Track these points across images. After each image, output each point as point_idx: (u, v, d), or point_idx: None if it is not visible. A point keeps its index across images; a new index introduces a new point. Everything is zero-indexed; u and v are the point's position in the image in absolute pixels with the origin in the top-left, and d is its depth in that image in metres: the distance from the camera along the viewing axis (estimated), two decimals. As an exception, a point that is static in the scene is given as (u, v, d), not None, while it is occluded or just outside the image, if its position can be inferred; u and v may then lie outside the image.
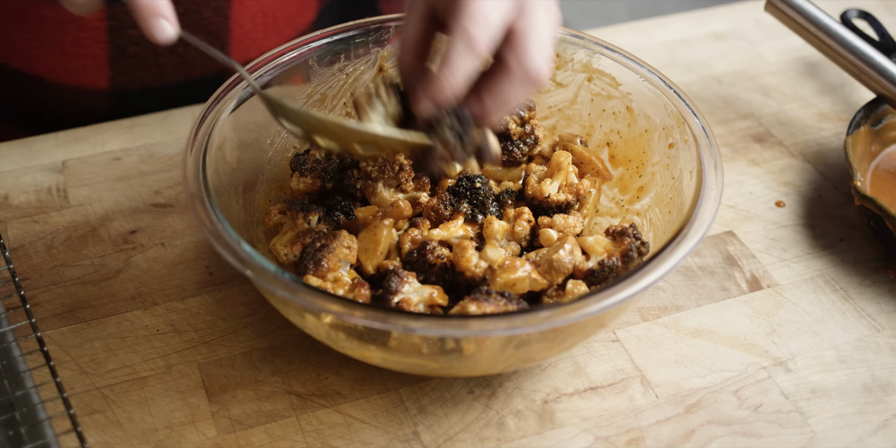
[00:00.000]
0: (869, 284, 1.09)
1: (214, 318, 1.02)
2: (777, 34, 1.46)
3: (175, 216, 1.13)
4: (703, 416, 0.95)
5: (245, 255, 0.86)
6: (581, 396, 0.97)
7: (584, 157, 1.07)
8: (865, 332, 1.04)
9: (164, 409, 0.94)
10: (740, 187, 1.20)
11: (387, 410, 0.95)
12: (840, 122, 1.31)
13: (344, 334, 0.88)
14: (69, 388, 0.95)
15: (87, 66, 1.25)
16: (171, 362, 0.98)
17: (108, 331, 1.01)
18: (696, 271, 1.09)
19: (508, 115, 1.05)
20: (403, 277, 0.92)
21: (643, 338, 1.02)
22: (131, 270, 1.07)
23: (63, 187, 1.16)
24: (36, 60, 1.24)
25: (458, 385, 0.97)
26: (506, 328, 0.81)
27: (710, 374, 0.99)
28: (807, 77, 1.39)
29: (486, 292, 0.89)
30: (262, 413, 0.94)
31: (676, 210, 0.99)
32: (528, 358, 0.91)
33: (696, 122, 1.00)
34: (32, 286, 1.04)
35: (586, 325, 0.89)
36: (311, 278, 0.92)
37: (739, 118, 1.31)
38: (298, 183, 1.04)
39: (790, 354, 1.01)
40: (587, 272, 0.95)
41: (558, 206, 1.03)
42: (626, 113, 1.09)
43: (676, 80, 1.34)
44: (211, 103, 0.99)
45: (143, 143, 1.22)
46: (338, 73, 1.10)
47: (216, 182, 0.95)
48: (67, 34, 1.22)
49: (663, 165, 1.05)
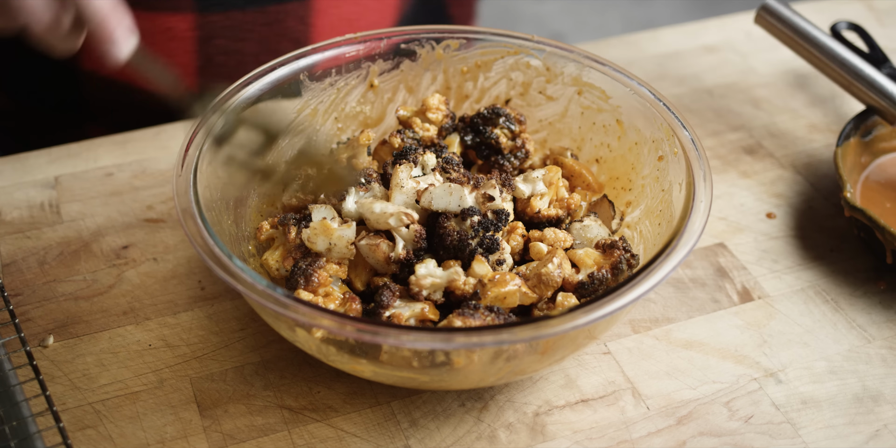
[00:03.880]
0: (860, 295, 1.09)
1: (206, 332, 1.02)
2: (767, 47, 1.47)
3: (167, 231, 1.13)
4: (694, 428, 0.95)
5: (236, 270, 0.86)
6: (572, 409, 0.97)
7: (574, 171, 1.08)
8: (856, 343, 1.04)
9: (156, 423, 0.94)
10: (731, 199, 1.21)
11: (378, 424, 0.95)
12: (830, 133, 1.31)
13: (335, 348, 0.88)
14: (61, 404, 0.95)
15: (177, 74, 1.27)
16: (163, 377, 0.98)
17: (100, 346, 1.01)
18: (688, 283, 1.09)
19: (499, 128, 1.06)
20: (394, 292, 0.93)
21: (634, 350, 1.03)
22: (123, 285, 1.07)
23: (56, 203, 1.16)
24: (127, 67, 1.27)
25: (450, 398, 0.97)
26: (494, 341, 0.81)
27: (702, 385, 0.99)
28: (797, 89, 1.39)
29: (474, 307, 0.89)
30: (254, 427, 0.94)
31: (666, 222, 0.99)
32: (519, 371, 0.91)
33: (685, 135, 1.01)
34: (25, 302, 1.04)
35: (577, 337, 0.89)
36: (303, 293, 0.92)
37: (730, 130, 1.31)
38: (290, 198, 1.04)
39: (781, 365, 1.01)
40: (577, 285, 0.95)
41: (549, 221, 1.03)
42: (616, 126, 1.10)
43: (667, 93, 1.34)
44: (202, 118, 1.00)
45: (136, 158, 1.23)
46: (329, 87, 1.10)
47: (207, 197, 0.96)
48: (159, 44, 1.24)
49: (653, 178, 1.05)
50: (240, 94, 1.02)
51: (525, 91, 1.15)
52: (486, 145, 1.09)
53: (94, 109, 1.36)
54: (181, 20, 1.20)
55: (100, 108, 1.36)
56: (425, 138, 1.08)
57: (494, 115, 1.09)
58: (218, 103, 1.01)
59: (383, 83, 1.13)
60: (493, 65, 1.14)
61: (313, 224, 0.95)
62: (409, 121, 1.10)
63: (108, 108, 1.36)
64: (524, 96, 1.15)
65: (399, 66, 1.13)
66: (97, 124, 1.38)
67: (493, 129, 1.09)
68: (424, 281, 0.93)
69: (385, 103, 1.15)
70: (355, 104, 1.13)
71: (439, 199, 0.95)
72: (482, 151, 1.10)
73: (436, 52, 1.12)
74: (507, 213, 0.96)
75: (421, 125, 1.09)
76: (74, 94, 1.34)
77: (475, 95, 1.16)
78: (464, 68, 1.14)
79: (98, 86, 1.31)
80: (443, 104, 1.10)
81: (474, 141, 1.10)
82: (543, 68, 1.12)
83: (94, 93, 1.33)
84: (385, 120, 1.16)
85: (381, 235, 0.96)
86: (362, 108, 1.14)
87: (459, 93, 1.16)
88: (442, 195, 0.95)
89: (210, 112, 1.00)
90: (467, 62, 1.14)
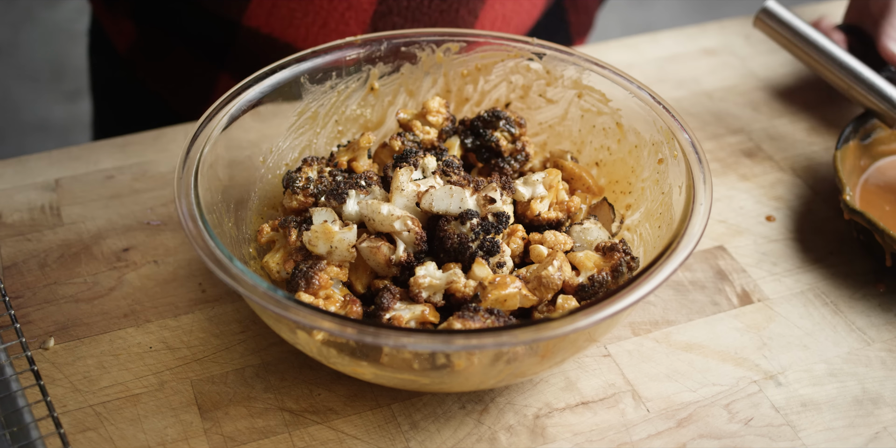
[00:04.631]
0: (859, 298, 1.09)
1: (207, 335, 1.03)
2: (767, 50, 1.47)
3: (168, 234, 1.13)
4: (694, 430, 0.96)
5: (237, 273, 0.86)
6: (573, 411, 0.97)
7: (574, 173, 1.08)
8: (856, 346, 1.04)
9: (157, 426, 0.94)
10: (731, 202, 1.21)
11: (379, 426, 0.95)
12: (829, 136, 1.32)
13: (335, 350, 0.89)
14: (62, 406, 0.95)
15: (341, 44, 1.29)
16: (164, 379, 0.98)
17: (100, 348, 1.01)
18: (687, 286, 1.10)
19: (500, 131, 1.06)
20: (395, 294, 0.93)
21: (634, 352, 1.03)
22: (124, 288, 1.07)
23: (56, 205, 1.16)
24: (293, 29, 1.29)
25: (450, 400, 0.97)
26: (494, 343, 0.82)
27: (702, 388, 0.99)
28: (796, 92, 1.40)
29: (474, 309, 0.89)
30: (255, 429, 0.94)
31: (666, 225, 1.00)
32: (520, 373, 0.92)
33: (685, 138, 1.01)
34: (25, 304, 1.05)
35: (577, 339, 0.89)
36: (303, 295, 0.93)
37: (730, 133, 1.32)
38: (291, 200, 1.04)
39: (781, 368, 1.02)
40: (577, 287, 0.96)
41: (550, 223, 1.03)
42: (616, 129, 1.10)
43: (667, 96, 1.35)
44: (203, 121, 1.00)
45: (136, 161, 1.23)
46: (329, 90, 1.11)
47: (208, 200, 0.96)
48: (335, 11, 1.27)
49: (653, 181, 1.05)
50: (240, 97, 1.03)
51: (525, 94, 1.15)
52: (486, 148, 1.10)
53: (240, 66, 1.39)
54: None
55: (245, 65, 1.38)
56: (426, 141, 1.09)
57: (495, 118, 1.09)
58: (219, 106, 1.01)
59: (384, 86, 1.13)
60: (493, 68, 1.14)
61: (314, 227, 0.95)
62: (410, 124, 1.10)
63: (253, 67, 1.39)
64: (524, 99, 1.15)
65: (399, 70, 1.13)
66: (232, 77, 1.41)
67: (494, 132, 1.09)
68: (424, 283, 0.93)
69: (385, 106, 1.15)
70: (356, 107, 1.14)
71: (440, 202, 0.96)
72: (482, 154, 1.10)
73: (436, 56, 1.12)
74: (507, 216, 0.96)
75: (421, 128, 1.09)
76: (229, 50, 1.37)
77: (475, 98, 1.17)
78: (464, 71, 1.14)
79: (256, 43, 1.34)
80: (443, 107, 1.10)
81: (474, 144, 1.10)
82: (543, 71, 1.13)
83: (247, 50, 1.36)
84: (385, 123, 1.16)
85: (382, 238, 0.96)
86: (363, 111, 1.14)
87: (460, 96, 1.16)
88: (442, 198, 0.96)
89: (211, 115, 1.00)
90: (467, 65, 1.14)
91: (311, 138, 1.12)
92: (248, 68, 1.36)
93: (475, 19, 1.33)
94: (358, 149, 1.08)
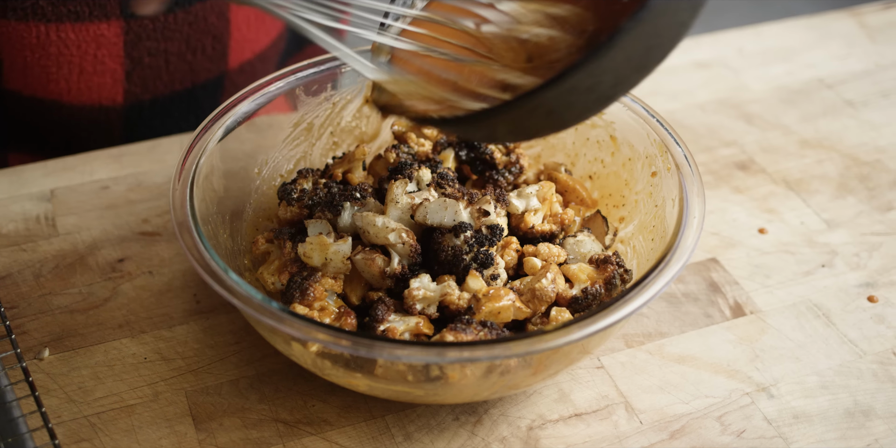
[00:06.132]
0: (851, 310, 1.10)
1: (202, 346, 1.03)
2: (760, 62, 1.48)
3: (163, 244, 1.14)
4: (686, 442, 0.96)
5: (232, 284, 0.87)
6: (566, 423, 0.97)
7: (568, 186, 1.09)
8: (848, 358, 1.05)
9: (152, 437, 0.94)
10: (724, 214, 1.21)
11: (373, 438, 0.95)
12: (822, 149, 1.32)
13: (330, 362, 0.89)
14: (56, 417, 0.95)
15: (105, 82, 1.28)
16: (159, 390, 0.98)
17: (95, 359, 1.01)
18: (680, 298, 1.10)
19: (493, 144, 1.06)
20: (389, 306, 0.93)
21: (627, 364, 1.03)
22: (119, 299, 1.07)
23: (51, 216, 1.17)
24: (53, 84, 1.27)
25: (444, 412, 0.98)
26: (488, 355, 0.82)
27: (694, 400, 1.00)
28: (789, 105, 1.41)
29: (467, 321, 0.90)
30: (249, 441, 0.94)
31: (659, 237, 1.00)
32: (513, 385, 0.92)
33: (678, 151, 1.01)
34: (20, 315, 1.05)
35: (570, 351, 0.90)
36: (298, 307, 0.93)
37: (723, 146, 1.32)
38: (286, 212, 1.05)
39: (773, 380, 1.02)
40: (571, 300, 0.96)
41: (543, 236, 1.04)
42: (610, 141, 1.11)
43: (660, 108, 1.35)
44: (199, 132, 1.00)
45: (131, 171, 1.23)
46: (325, 102, 1.11)
47: (203, 211, 0.96)
48: (88, 54, 1.25)
49: (646, 193, 1.06)
50: (236, 109, 1.03)
51: (519, 106, 1.15)
52: (480, 160, 1.10)
53: (16, 134, 1.37)
54: (110, 27, 1.21)
55: (22, 133, 1.36)
56: (420, 153, 1.09)
57: (489, 130, 1.09)
58: (214, 117, 1.02)
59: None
60: (487, 80, 1.14)
61: (309, 239, 0.95)
62: (405, 136, 1.10)
63: (31, 133, 1.36)
64: (518, 112, 1.16)
65: (394, 82, 1.14)
66: (19, 151, 1.38)
67: (488, 144, 1.10)
68: (419, 295, 0.93)
69: (380, 118, 1.15)
70: (351, 119, 1.14)
71: (434, 214, 0.96)
72: (477, 167, 1.11)
73: (431, 68, 1.13)
74: (501, 229, 0.97)
75: (416, 140, 1.10)
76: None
77: (470, 110, 1.17)
78: (459, 84, 1.15)
79: (23, 106, 1.31)
80: (438, 119, 1.10)
81: (469, 156, 1.11)
82: (538, 84, 1.13)
83: (18, 114, 1.33)
84: (381, 134, 1.16)
85: (377, 250, 0.96)
86: (358, 123, 1.15)
87: (454, 108, 1.17)
88: (437, 210, 0.96)
89: (207, 126, 1.01)
90: (462, 78, 1.14)
91: (307, 150, 1.13)
92: (31, 141, 1.35)
93: (227, 22, 1.32)
94: (353, 160, 1.09)
